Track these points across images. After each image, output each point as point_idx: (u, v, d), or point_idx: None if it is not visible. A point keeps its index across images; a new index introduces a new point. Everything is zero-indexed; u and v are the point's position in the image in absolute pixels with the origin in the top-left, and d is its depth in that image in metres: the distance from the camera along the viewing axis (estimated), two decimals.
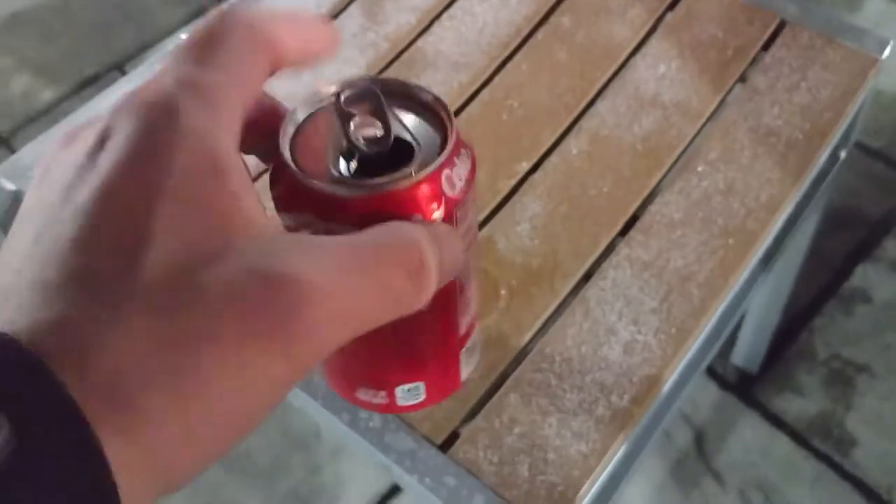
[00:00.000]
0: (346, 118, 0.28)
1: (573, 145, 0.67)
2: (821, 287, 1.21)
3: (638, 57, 0.71)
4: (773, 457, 1.08)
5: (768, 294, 0.99)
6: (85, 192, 0.21)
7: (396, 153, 0.29)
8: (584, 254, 0.61)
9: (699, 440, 1.10)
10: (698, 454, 1.09)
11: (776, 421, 1.11)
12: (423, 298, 0.25)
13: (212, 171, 0.22)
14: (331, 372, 0.37)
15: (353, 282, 0.23)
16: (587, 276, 0.60)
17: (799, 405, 1.12)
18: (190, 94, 0.23)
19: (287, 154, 0.28)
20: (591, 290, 0.59)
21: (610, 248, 0.61)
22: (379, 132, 0.29)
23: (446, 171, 0.29)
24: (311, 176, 0.27)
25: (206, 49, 0.24)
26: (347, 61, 0.74)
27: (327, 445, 1.12)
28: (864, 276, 1.22)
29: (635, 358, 0.56)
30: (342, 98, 0.29)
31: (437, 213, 0.28)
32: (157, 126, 0.22)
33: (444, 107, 0.30)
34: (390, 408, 0.36)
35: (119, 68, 1.58)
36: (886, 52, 0.69)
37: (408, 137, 0.29)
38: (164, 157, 0.22)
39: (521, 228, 0.62)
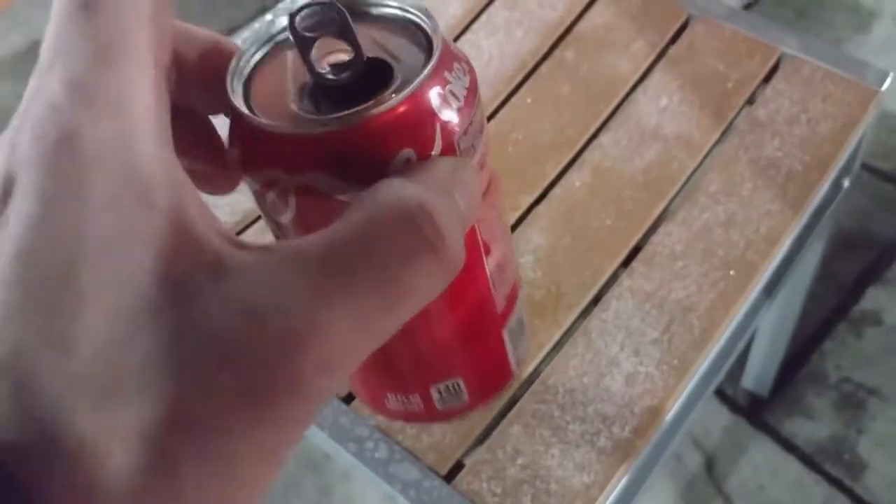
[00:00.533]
0: (306, 44, 0.22)
1: (576, 178, 0.68)
2: (831, 310, 1.21)
3: (640, 90, 0.72)
4: (783, 480, 1.08)
5: (776, 319, 0.99)
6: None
7: (373, 78, 0.23)
8: (587, 285, 0.62)
9: (709, 464, 1.10)
10: (708, 477, 1.09)
11: (787, 444, 1.11)
12: (449, 277, 0.19)
13: (137, 199, 0.17)
14: (353, 381, 0.30)
15: (344, 306, 0.17)
16: (589, 308, 0.61)
17: (810, 429, 1.12)
18: (83, 103, 0.18)
19: (240, 101, 0.23)
20: (593, 322, 0.60)
21: (612, 279, 0.63)
22: (347, 55, 0.23)
23: (436, 90, 0.22)
24: (271, 119, 0.22)
25: (84, 19, 0.18)
26: None
27: (338, 467, 1.13)
28: (875, 298, 1.22)
29: (637, 389, 0.57)
30: (297, 21, 0.22)
31: (435, 146, 0.22)
32: (60, 166, 0.17)
33: (426, 14, 0.24)
34: (431, 415, 0.29)
35: None
36: (886, 83, 0.70)
37: (384, 56, 0.23)
38: (77, 201, 0.17)
39: (525, 260, 0.63)
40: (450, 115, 0.22)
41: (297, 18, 0.22)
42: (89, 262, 0.16)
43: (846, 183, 0.77)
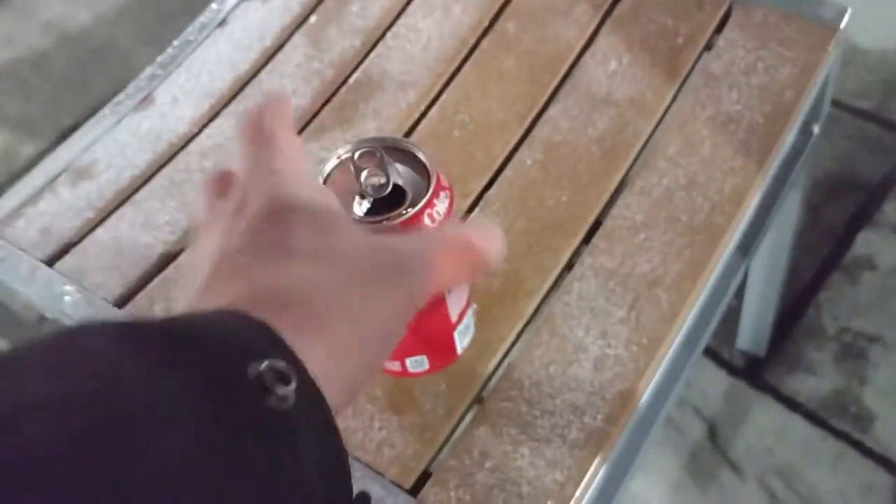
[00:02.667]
0: (358, 171, 0.41)
1: (527, 156, 0.64)
2: (823, 259, 1.18)
3: (587, 55, 0.69)
4: (790, 440, 1.05)
5: (763, 275, 0.96)
6: (241, 225, 0.31)
7: (395, 195, 0.42)
8: (547, 268, 0.59)
9: (712, 432, 1.07)
10: (713, 446, 1.06)
11: (790, 403, 1.07)
12: (477, 276, 0.35)
13: (312, 190, 0.33)
14: None
15: (447, 261, 0.33)
16: (551, 292, 0.58)
17: (812, 384, 1.09)
18: (275, 152, 0.34)
19: None
20: (556, 306, 0.57)
21: (573, 259, 0.59)
22: (382, 181, 0.41)
23: (428, 210, 0.42)
24: None
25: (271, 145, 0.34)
26: (295, 94, 0.73)
27: None
28: (867, 242, 1.19)
29: (607, 373, 0.53)
30: (355, 156, 0.41)
31: None
32: (271, 185, 0.32)
33: (429, 160, 0.43)
34: (404, 374, 0.51)
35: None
36: (845, 20, 0.66)
37: (402, 184, 0.42)
38: (283, 196, 0.32)
39: None
40: (432, 225, 0.42)
41: (355, 155, 0.41)
42: (293, 217, 0.31)
43: (816, 128, 0.74)
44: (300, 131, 0.70)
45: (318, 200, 0.32)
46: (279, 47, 0.76)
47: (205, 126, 0.72)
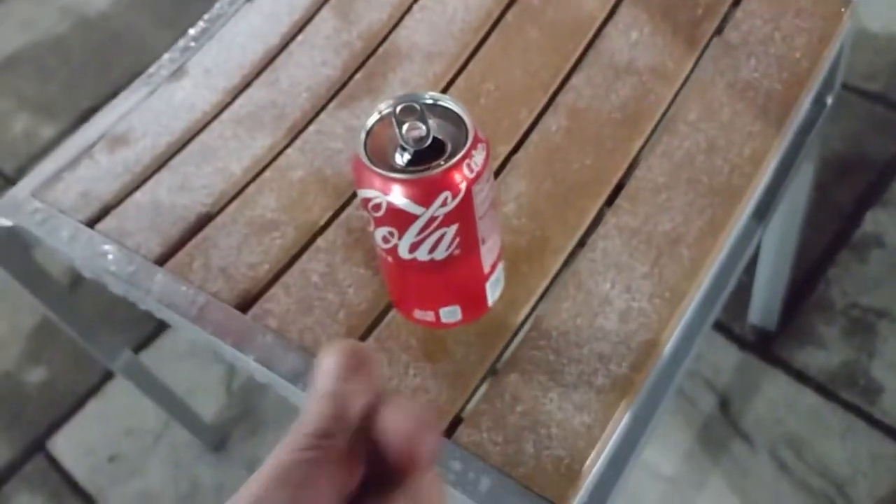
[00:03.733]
0: (400, 124, 0.44)
1: (552, 122, 0.67)
2: (833, 236, 1.20)
3: (609, 26, 0.71)
4: (800, 412, 1.07)
5: (775, 248, 0.98)
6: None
7: (435, 147, 0.44)
8: (572, 227, 0.61)
9: (724, 404, 1.09)
10: (724, 418, 1.08)
11: (800, 376, 1.10)
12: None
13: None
14: (395, 297, 0.55)
15: None
16: (577, 249, 0.60)
17: (822, 358, 1.11)
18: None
19: (362, 151, 0.45)
20: (582, 263, 0.59)
21: (597, 219, 0.61)
22: (422, 133, 0.44)
23: (467, 161, 0.44)
24: (377, 166, 0.44)
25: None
26: (325, 64, 0.75)
27: None
28: (876, 220, 1.21)
29: (631, 325, 0.56)
30: (396, 110, 0.44)
31: (462, 188, 0.44)
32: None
33: (466, 113, 0.46)
34: (437, 324, 0.53)
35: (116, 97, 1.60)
36: None
37: (441, 136, 0.45)
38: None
39: (508, 209, 0.62)
40: (470, 175, 0.45)
41: (396, 109, 0.44)
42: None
43: (829, 100, 0.76)
44: (331, 98, 0.72)
45: None
46: (308, 20, 0.79)
47: (237, 96, 0.75)
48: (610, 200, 0.62)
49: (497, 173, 0.65)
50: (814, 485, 1.02)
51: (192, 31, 0.82)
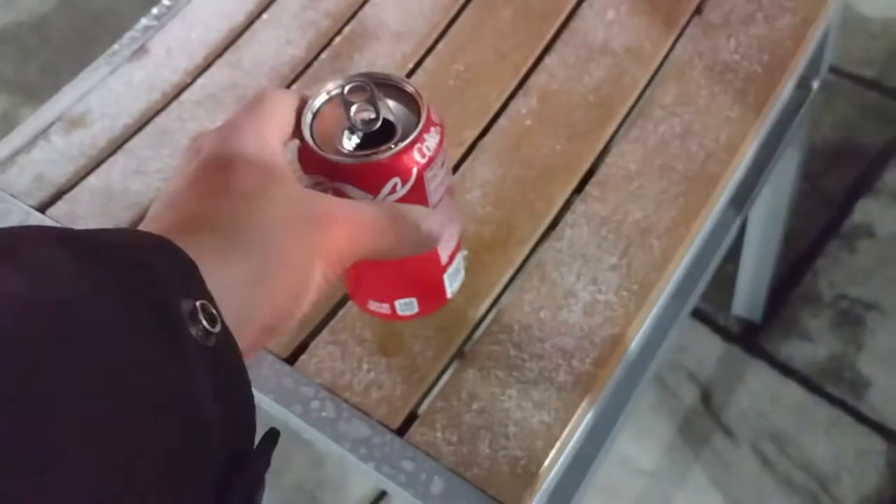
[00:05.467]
0: (348, 106, 0.40)
1: (522, 105, 0.64)
2: (822, 226, 1.17)
3: (585, 5, 0.68)
4: (784, 406, 1.05)
5: (759, 237, 0.96)
6: (192, 167, 0.34)
7: (385, 130, 0.40)
8: (539, 216, 0.58)
9: (706, 396, 1.07)
10: (706, 411, 1.06)
11: (785, 369, 1.07)
12: (414, 250, 0.39)
13: (265, 150, 0.35)
14: (350, 287, 0.50)
15: (375, 227, 0.36)
16: (543, 239, 0.58)
17: (807, 350, 1.08)
18: (252, 112, 0.37)
19: (307, 133, 0.40)
20: (547, 253, 0.57)
21: (566, 207, 0.59)
22: (372, 115, 0.40)
23: (418, 145, 0.40)
24: (323, 149, 0.40)
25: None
26: (290, 43, 0.72)
27: None
28: (866, 210, 1.18)
29: (596, 318, 0.53)
30: (345, 90, 0.40)
31: (412, 174, 0.40)
32: (227, 134, 0.35)
33: (419, 95, 0.41)
34: (393, 316, 0.49)
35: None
36: None
37: (392, 119, 0.41)
38: (234, 146, 0.35)
39: (473, 196, 0.60)
40: (422, 160, 0.40)
41: (345, 90, 0.40)
42: (234, 167, 0.34)
43: (815, 85, 0.73)
44: (294, 80, 0.69)
45: (263, 154, 0.35)
46: None
47: (199, 76, 0.72)
48: (580, 187, 0.60)
49: (463, 159, 0.62)
50: (797, 480, 1.00)
51: (155, 10, 0.79)
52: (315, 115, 0.43)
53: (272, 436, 0.29)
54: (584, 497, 0.57)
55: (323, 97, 0.43)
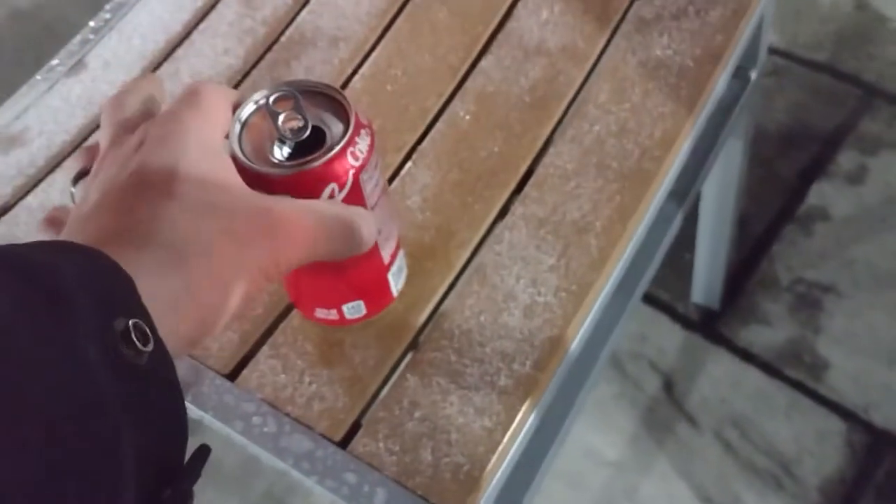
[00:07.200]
0: (275, 115, 0.40)
1: (460, 108, 0.64)
2: (777, 210, 1.18)
3: (519, 6, 0.68)
4: (744, 391, 1.06)
5: (710, 227, 0.96)
6: (134, 164, 0.34)
7: (315, 137, 0.41)
8: (479, 219, 0.58)
9: (668, 385, 1.08)
10: (669, 399, 1.07)
11: (744, 354, 1.08)
12: (352, 252, 0.40)
13: (209, 151, 0.36)
14: (294, 297, 0.52)
15: (319, 230, 0.38)
16: (483, 242, 0.58)
17: (766, 335, 1.10)
18: (192, 108, 0.37)
19: (237, 147, 0.40)
20: (487, 256, 0.57)
21: (504, 210, 0.59)
22: (300, 124, 0.40)
23: (350, 149, 0.41)
24: (253, 161, 0.40)
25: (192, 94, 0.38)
26: (227, 52, 0.71)
27: None
28: (821, 193, 1.19)
29: (536, 321, 0.53)
30: (270, 101, 0.40)
31: (348, 179, 0.41)
32: (170, 131, 0.35)
33: (346, 99, 0.42)
34: (342, 321, 0.50)
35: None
36: None
37: (321, 125, 0.42)
38: (178, 146, 0.35)
39: (412, 202, 0.59)
40: (356, 164, 0.41)
41: (270, 99, 0.41)
42: (179, 167, 0.34)
43: (754, 75, 0.73)
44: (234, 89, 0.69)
45: (206, 159, 0.35)
46: (212, 6, 0.75)
47: None
48: (518, 189, 0.60)
49: (402, 165, 0.62)
50: (760, 465, 1.01)
51: (92, 23, 0.78)
52: (244, 126, 0.42)
53: (202, 452, 0.29)
54: (534, 499, 0.57)
55: (251, 107, 0.42)
